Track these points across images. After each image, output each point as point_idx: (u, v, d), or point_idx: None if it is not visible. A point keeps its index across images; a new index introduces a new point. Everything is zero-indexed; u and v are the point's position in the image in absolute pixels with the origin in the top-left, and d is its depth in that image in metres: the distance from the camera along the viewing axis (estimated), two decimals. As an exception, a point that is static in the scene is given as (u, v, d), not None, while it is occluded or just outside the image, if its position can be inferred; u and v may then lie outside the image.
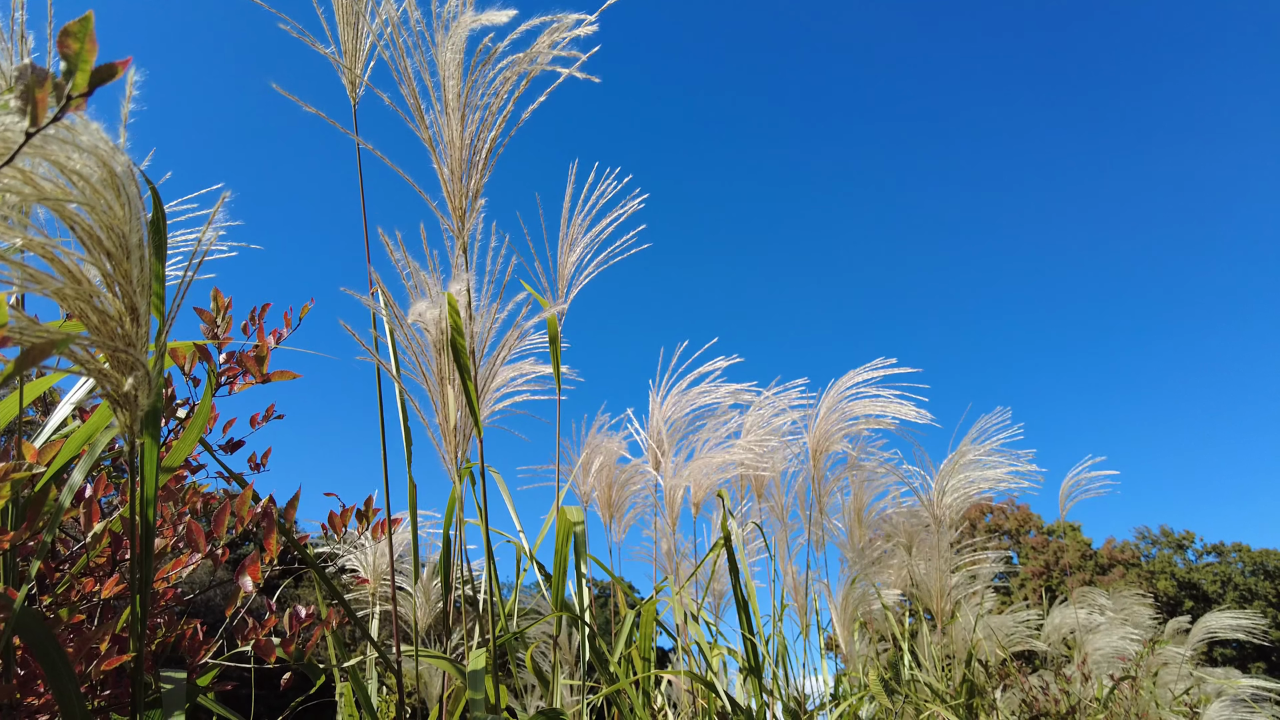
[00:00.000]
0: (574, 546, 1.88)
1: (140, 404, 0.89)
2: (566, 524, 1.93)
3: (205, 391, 1.21)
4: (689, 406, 2.78)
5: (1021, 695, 4.43)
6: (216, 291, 1.40)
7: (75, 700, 0.98)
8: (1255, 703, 4.89)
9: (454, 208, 1.32)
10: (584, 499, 2.89)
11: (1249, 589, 28.50)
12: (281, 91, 1.36)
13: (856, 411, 3.04)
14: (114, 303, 0.81)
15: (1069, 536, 28.93)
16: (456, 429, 1.37)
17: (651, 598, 2.30)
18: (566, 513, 1.93)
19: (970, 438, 3.54)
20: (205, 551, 1.26)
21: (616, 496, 2.84)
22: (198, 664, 1.32)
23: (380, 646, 1.50)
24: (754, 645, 2.26)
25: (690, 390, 2.79)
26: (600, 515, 2.88)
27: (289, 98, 1.35)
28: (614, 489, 2.83)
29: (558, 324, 1.65)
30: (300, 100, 1.35)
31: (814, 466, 3.12)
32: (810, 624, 3.64)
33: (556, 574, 1.94)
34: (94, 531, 1.24)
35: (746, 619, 2.51)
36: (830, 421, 3.07)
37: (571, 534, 1.91)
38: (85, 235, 0.78)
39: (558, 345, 1.63)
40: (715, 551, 2.74)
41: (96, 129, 0.66)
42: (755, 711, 2.25)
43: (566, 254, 1.83)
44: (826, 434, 3.09)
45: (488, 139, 1.30)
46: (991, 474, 3.52)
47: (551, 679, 2.14)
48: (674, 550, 3.01)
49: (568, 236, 1.84)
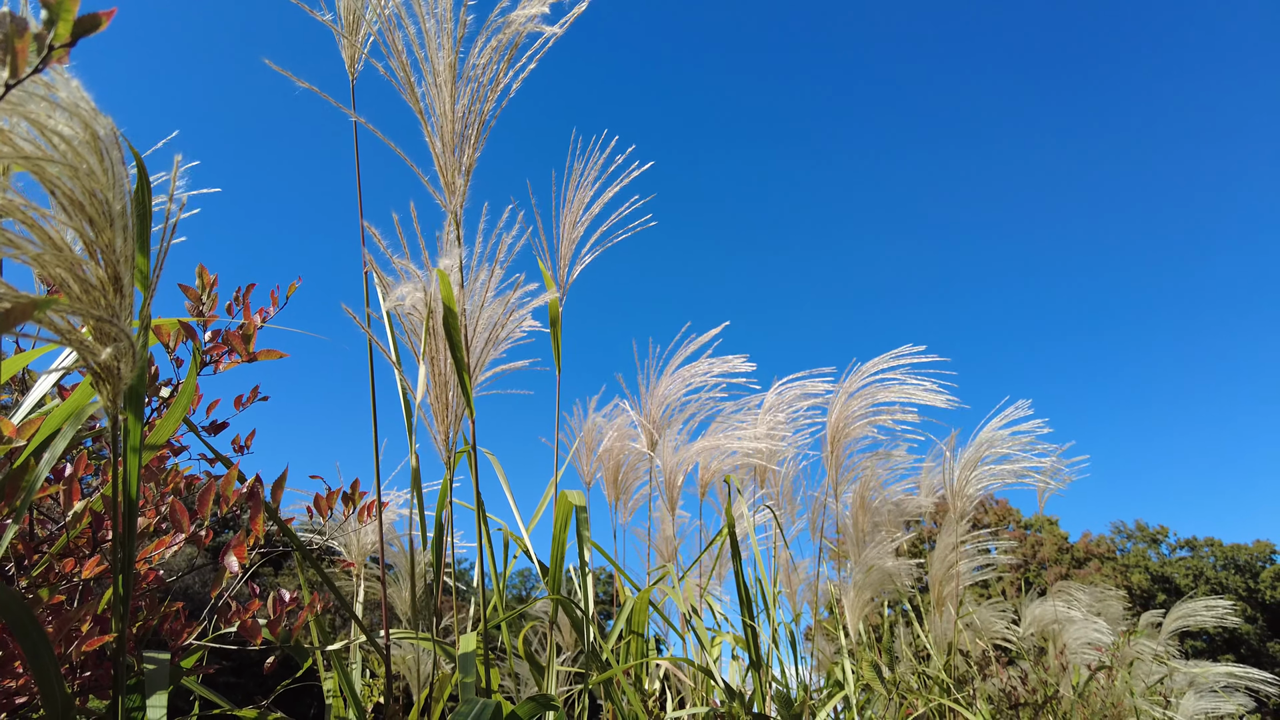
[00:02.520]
0: (576, 531, 1.83)
1: (123, 377, 0.87)
2: (566, 507, 1.88)
3: (190, 369, 1.18)
4: (685, 387, 2.69)
5: (1000, 685, 4.49)
6: (202, 268, 1.36)
7: (55, 680, 0.96)
8: (1224, 690, 4.99)
9: (446, 182, 1.30)
10: (587, 480, 2.85)
11: (1220, 582, 29.07)
12: (276, 68, 1.32)
13: (881, 398, 2.93)
14: (97, 271, 0.79)
15: (1046, 530, 29.33)
16: (449, 408, 1.35)
17: (646, 590, 2.29)
18: (567, 495, 1.88)
19: (993, 426, 3.48)
20: (189, 532, 1.24)
21: (623, 478, 2.81)
22: (180, 646, 1.30)
23: (368, 630, 1.49)
24: (755, 635, 2.26)
25: (684, 369, 2.69)
26: (606, 495, 2.83)
27: (283, 74, 1.32)
28: (620, 470, 2.79)
29: (559, 306, 1.62)
30: (297, 78, 1.32)
31: (831, 452, 3.04)
32: (802, 612, 3.66)
33: (554, 560, 1.90)
34: (74, 511, 1.21)
35: (748, 610, 2.50)
36: (851, 408, 2.96)
37: (571, 518, 1.86)
38: (66, 200, 0.76)
39: (558, 328, 1.60)
40: (720, 539, 2.73)
41: (76, 86, 0.63)
42: (749, 698, 2.26)
43: (569, 231, 1.77)
44: (848, 419, 2.98)
45: (480, 111, 1.27)
46: (1011, 466, 3.47)
47: (546, 667, 2.12)
48: (673, 535, 2.99)
49: (570, 213, 1.77)
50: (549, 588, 1.85)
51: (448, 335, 1.26)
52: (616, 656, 2.25)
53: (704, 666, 2.24)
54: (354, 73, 1.48)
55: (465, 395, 1.29)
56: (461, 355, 1.26)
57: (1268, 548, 29.75)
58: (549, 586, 1.85)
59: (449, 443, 1.37)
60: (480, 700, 1.09)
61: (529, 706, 1.49)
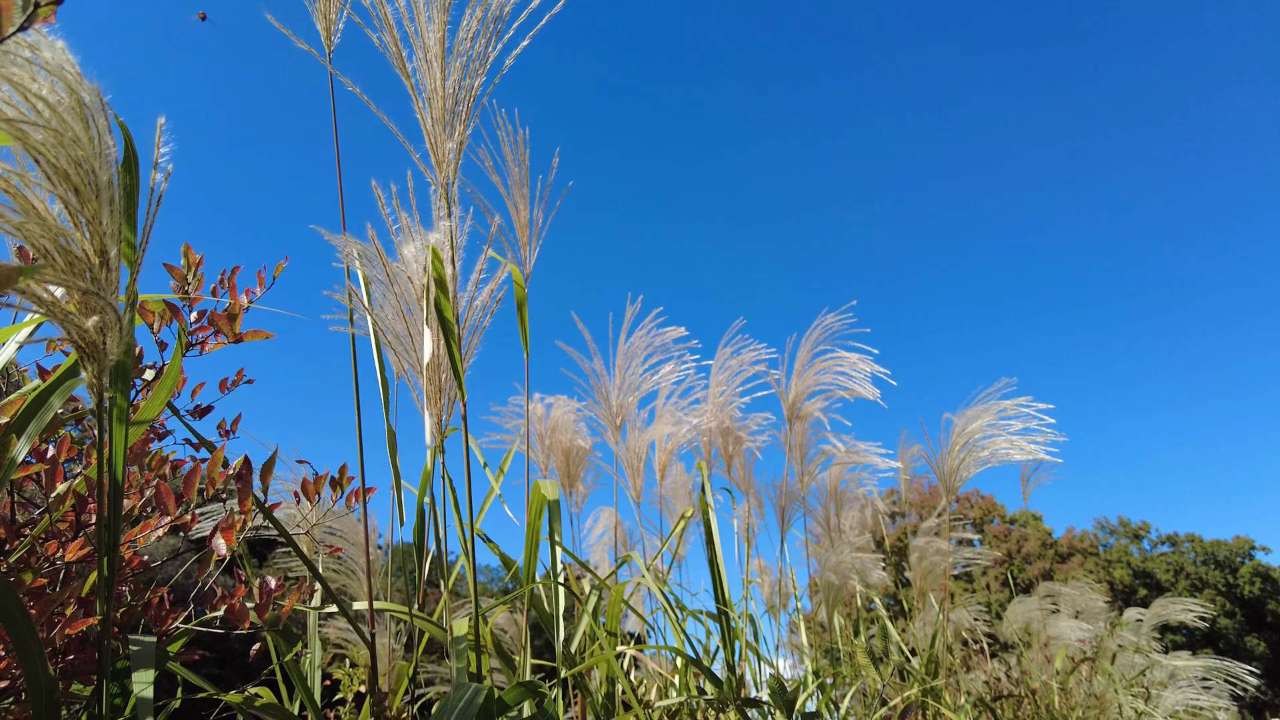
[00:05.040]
0: (548, 526, 1.84)
1: (109, 353, 0.85)
2: (540, 498, 1.91)
3: (175, 349, 1.16)
4: (643, 365, 2.62)
5: (985, 678, 4.54)
6: (188, 247, 1.35)
7: (39, 662, 0.94)
8: (1202, 684, 5.07)
9: (437, 159, 1.28)
10: (542, 468, 2.82)
11: (1200, 578, 29.49)
12: (275, 24, 1.30)
13: (830, 369, 2.86)
14: (83, 243, 0.77)
15: (1030, 525, 29.63)
16: (441, 391, 1.33)
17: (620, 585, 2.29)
18: (540, 486, 1.91)
19: (979, 403, 3.38)
20: (175, 515, 1.22)
21: (574, 466, 2.77)
22: (165, 631, 1.28)
23: (351, 615, 1.48)
24: (729, 621, 2.27)
25: (637, 338, 2.60)
26: (561, 484, 2.79)
27: (285, 32, 1.30)
28: (570, 456, 2.75)
29: (524, 288, 1.60)
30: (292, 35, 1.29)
31: (790, 430, 2.99)
32: (775, 605, 3.66)
33: (529, 550, 1.92)
34: (56, 493, 1.19)
35: (724, 601, 2.51)
36: (806, 382, 2.89)
37: (544, 508, 1.89)
38: (51, 169, 0.74)
39: (524, 309, 1.59)
40: (683, 524, 2.73)
41: (61, 48, 0.61)
42: (736, 684, 2.26)
43: (524, 210, 1.73)
44: (802, 394, 2.91)
45: (472, 86, 1.26)
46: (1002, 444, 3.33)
47: (521, 659, 2.12)
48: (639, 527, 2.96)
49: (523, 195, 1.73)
50: (525, 578, 1.86)
51: (438, 312, 1.25)
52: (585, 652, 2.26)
53: (693, 656, 2.24)
54: (330, 45, 1.45)
55: (456, 376, 1.28)
56: (452, 332, 1.24)
57: (1247, 544, 30.21)
58: (525, 578, 1.86)
59: (442, 424, 1.35)
60: (472, 685, 1.09)
61: (517, 692, 1.49)
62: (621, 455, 2.72)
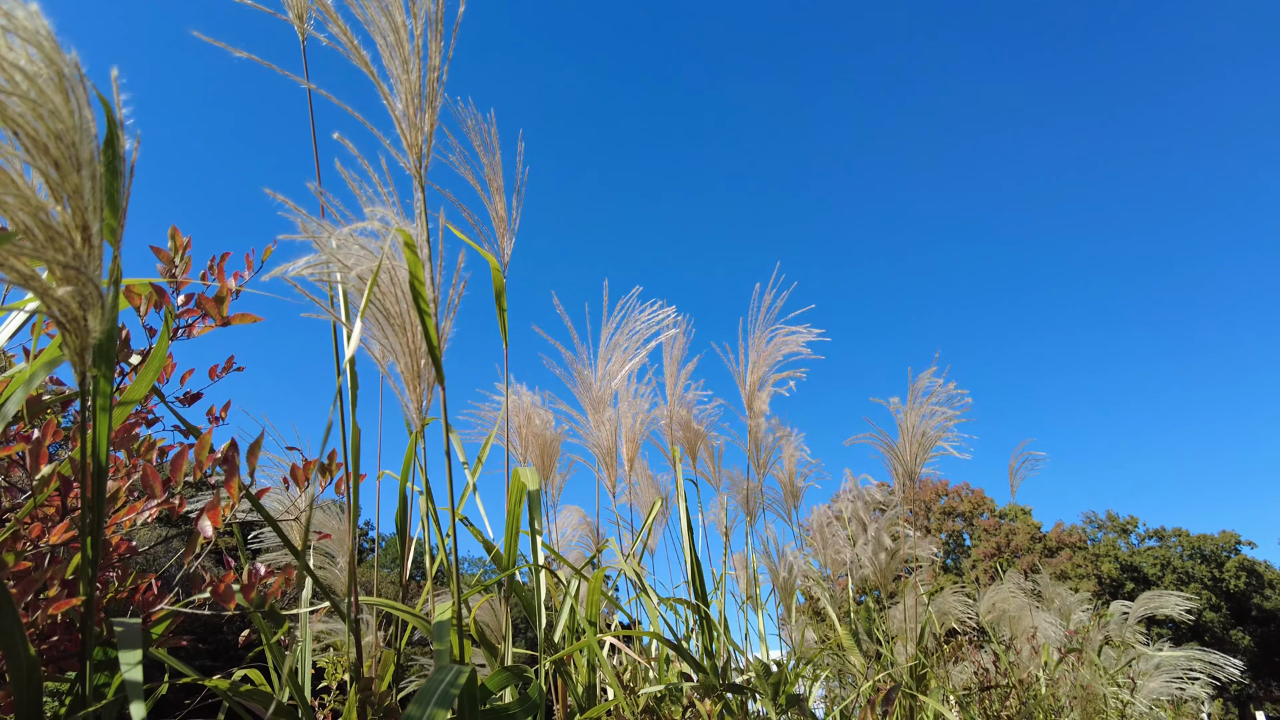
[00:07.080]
0: (529, 517, 1.85)
1: (91, 330, 0.85)
2: (520, 486, 1.92)
3: (162, 332, 1.16)
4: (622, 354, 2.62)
5: (973, 668, 4.58)
6: (175, 229, 1.33)
7: (20, 642, 0.94)
8: (1189, 674, 5.14)
9: (409, 144, 1.27)
10: (520, 458, 2.81)
11: (1186, 572, 29.79)
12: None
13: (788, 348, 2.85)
14: (64, 217, 0.77)
15: (1020, 520, 29.85)
16: (420, 377, 1.33)
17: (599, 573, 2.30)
18: (520, 475, 1.92)
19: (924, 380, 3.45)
20: (162, 498, 1.22)
21: (549, 460, 2.76)
22: (150, 614, 1.28)
23: (335, 600, 1.47)
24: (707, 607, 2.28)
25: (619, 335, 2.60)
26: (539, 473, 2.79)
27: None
28: (545, 448, 2.74)
29: (502, 278, 1.60)
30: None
31: (751, 419, 2.98)
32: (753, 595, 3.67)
33: (509, 534, 1.93)
34: (41, 475, 1.18)
35: (701, 589, 2.53)
36: (763, 365, 2.87)
37: (524, 496, 1.89)
38: (30, 142, 0.73)
39: (503, 299, 1.59)
40: (654, 514, 2.75)
41: (35, 10, 0.61)
42: (720, 668, 2.27)
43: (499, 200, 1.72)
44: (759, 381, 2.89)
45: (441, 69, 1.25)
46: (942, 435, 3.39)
47: (503, 647, 2.13)
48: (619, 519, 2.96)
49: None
50: (506, 564, 1.86)
51: (414, 300, 1.24)
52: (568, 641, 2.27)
53: (673, 641, 2.26)
54: (303, 32, 1.44)
55: (435, 363, 1.27)
56: (429, 319, 1.23)
57: (1233, 538, 30.52)
58: (506, 564, 1.86)
59: (422, 411, 1.35)
60: (454, 666, 1.09)
61: (501, 677, 1.49)
62: (595, 444, 2.74)
